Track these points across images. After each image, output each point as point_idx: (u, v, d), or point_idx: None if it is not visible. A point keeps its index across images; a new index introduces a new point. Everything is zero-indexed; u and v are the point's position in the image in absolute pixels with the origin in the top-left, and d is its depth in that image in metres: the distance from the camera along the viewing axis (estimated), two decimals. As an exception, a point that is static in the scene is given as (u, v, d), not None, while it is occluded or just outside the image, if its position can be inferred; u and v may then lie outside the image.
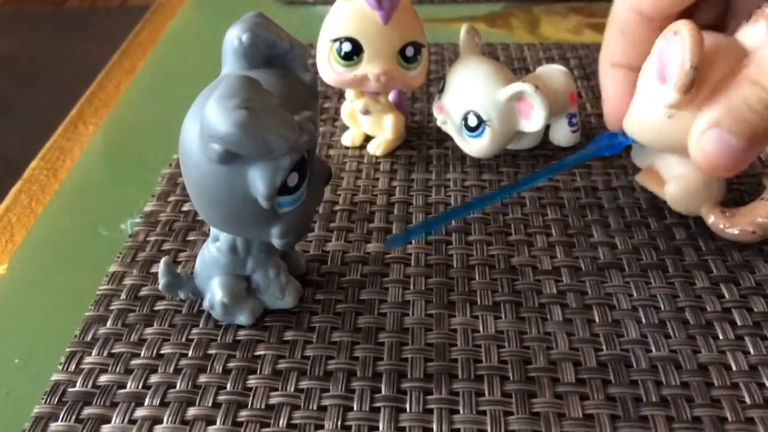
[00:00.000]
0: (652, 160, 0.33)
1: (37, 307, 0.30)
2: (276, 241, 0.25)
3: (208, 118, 0.21)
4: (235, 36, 0.24)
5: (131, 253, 0.32)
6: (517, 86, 0.33)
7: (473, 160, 0.38)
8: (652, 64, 0.28)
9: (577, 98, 0.39)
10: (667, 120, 0.28)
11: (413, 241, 0.33)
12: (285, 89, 0.24)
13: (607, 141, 0.32)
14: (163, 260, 0.28)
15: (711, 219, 0.31)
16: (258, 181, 0.22)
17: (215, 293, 0.27)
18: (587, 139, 0.40)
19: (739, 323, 0.28)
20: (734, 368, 0.26)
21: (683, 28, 0.26)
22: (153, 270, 0.31)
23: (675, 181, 0.32)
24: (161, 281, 0.28)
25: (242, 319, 0.28)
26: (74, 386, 0.26)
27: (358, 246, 0.32)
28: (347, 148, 0.40)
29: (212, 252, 0.27)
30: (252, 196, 0.23)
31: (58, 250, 0.33)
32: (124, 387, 0.26)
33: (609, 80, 0.33)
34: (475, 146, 0.36)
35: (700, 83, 0.26)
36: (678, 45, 0.26)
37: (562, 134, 0.39)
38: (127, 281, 0.31)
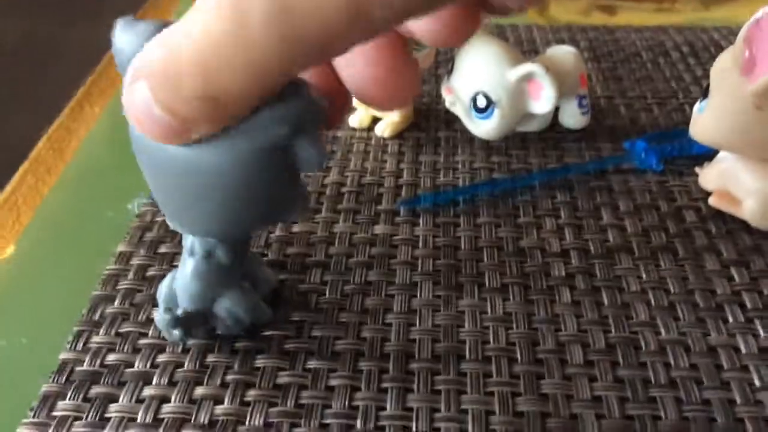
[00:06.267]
0: (722, 182, 0.32)
1: (44, 287, 0.30)
2: (294, 215, 0.25)
3: (273, 106, 0.21)
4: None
5: (138, 233, 0.32)
6: (527, 67, 0.33)
7: (482, 142, 0.38)
8: (735, 58, 0.28)
9: (588, 80, 0.38)
10: (755, 113, 0.27)
11: (421, 224, 0.32)
12: None
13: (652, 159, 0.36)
14: (158, 311, 0.26)
15: None
16: (311, 151, 0.22)
17: (240, 307, 0.26)
18: (596, 121, 0.39)
19: (749, 306, 0.28)
20: (744, 351, 0.26)
21: None
22: (160, 250, 0.31)
23: (752, 197, 0.30)
24: (174, 334, 0.25)
25: (269, 313, 0.27)
26: (82, 365, 0.26)
27: (366, 227, 0.32)
28: (355, 129, 0.39)
29: (212, 267, 0.26)
30: (287, 174, 0.23)
31: (65, 231, 0.33)
32: (132, 366, 0.26)
33: None
34: (483, 128, 0.35)
35: None
36: None
37: (572, 116, 0.38)
38: (135, 261, 0.31)
